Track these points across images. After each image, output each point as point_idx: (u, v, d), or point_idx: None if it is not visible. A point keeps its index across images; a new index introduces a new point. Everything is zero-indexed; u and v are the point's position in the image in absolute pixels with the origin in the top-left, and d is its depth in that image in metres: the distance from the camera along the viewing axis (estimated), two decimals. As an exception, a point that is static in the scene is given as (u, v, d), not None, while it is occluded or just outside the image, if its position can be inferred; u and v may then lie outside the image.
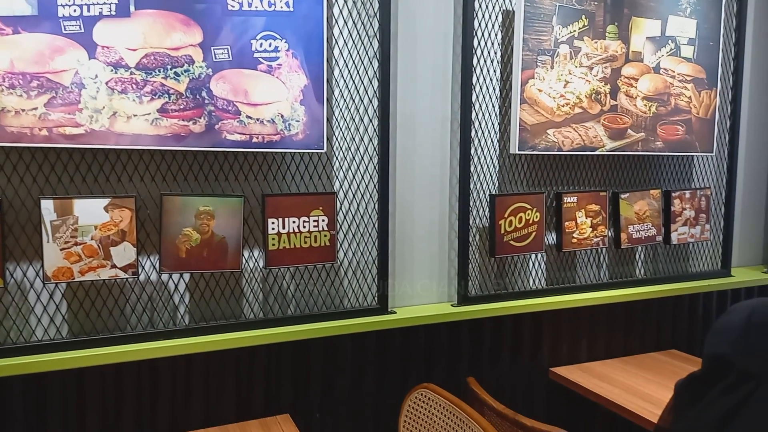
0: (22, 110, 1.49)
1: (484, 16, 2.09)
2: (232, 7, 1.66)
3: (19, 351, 1.57)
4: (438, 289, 2.13)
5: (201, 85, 1.64)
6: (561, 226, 2.24)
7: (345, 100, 1.91)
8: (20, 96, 1.49)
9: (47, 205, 1.53)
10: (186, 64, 1.62)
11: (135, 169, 1.68)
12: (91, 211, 1.57)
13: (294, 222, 1.80)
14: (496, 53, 2.13)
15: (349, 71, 1.91)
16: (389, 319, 1.95)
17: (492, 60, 2.13)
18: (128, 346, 1.64)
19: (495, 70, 2.14)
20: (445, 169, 2.10)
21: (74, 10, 1.52)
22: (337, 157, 1.92)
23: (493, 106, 2.15)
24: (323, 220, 1.84)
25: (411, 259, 2.07)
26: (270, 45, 1.70)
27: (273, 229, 1.77)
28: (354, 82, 1.92)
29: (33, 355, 1.57)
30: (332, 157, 1.92)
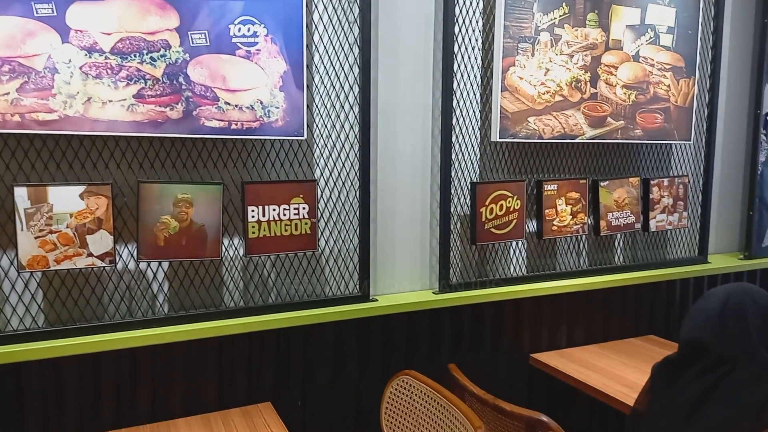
0: (-7, 95, 1.46)
1: (465, 3, 2.09)
2: (210, -9, 1.63)
3: (-6, 341, 1.55)
4: (419, 276, 2.13)
5: (178, 71, 1.61)
6: (541, 213, 2.25)
7: (325, 87, 1.90)
8: (-9, 81, 1.45)
9: (21, 193, 1.50)
10: (162, 49, 1.59)
11: (111, 156, 1.65)
12: (66, 198, 1.54)
13: (274, 210, 1.78)
14: (477, 40, 2.13)
15: (330, 57, 1.89)
16: (371, 307, 1.95)
17: (473, 47, 2.12)
18: (106, 336, 1.62)
19: (476, 58, 2.13)
20: (427, 157, 2.09)
21: (46, -7, 1.48)
22: (317, 145, 1.91)
23: (475, 94, 2.15)
24: (304, 208, 1.83)
25: (392, 247, 2.07)
26: (248, 30, 1.68)
27: (253, 217, 1.76)
28: (334, 68, 1.90)
29: (8, 345, 1.54)
30: (313, 145, 1.90)
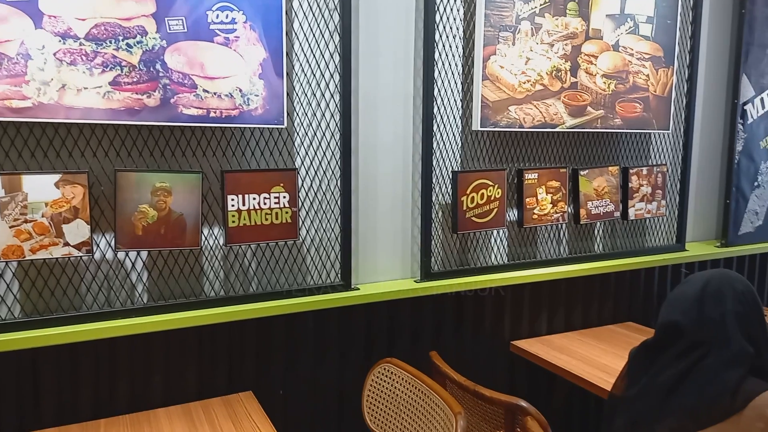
0: (-36, 82, 1.43)
1: (446, -9, 2.08)
2: (187, -24, 1.61)
3: (-31, 332, 1.52)
4: (401, 265, 2.14)
5: (155, 58, 1.59)
6: (522, 202, 2.27)
7: (306, 75, 1.88)
8: (-39, 67, 1.42)
9: (-6, 182, 1.48)
10: (138, 36, 1.57)
11: (87, 144, 1.62)
12: (41, 187, 1.52)
13: (254, 199, 1.77)
14: (458, 29, 2.13)
15: (310, 45, 1.88)
16: (352, 296, 1.96)
17: (454, 36, 2.12)
18: (84, 326, 1.61)
19: (457, 47, 2.13)
20: (408, 146, 2.09)
21: (17, -23, 1.45)
22: (298, 133, 1.90)
23: (456, 83, 2.15)
24: (284, 197, 1.82)
25: (374, 236, 2.07)
26: (227, 16, 1.66)
27: (233, 205, 1.75)
28: (315, 56, 1.89)
29: (-17, 336, 1.52)
30: (293, 133, 1.89)
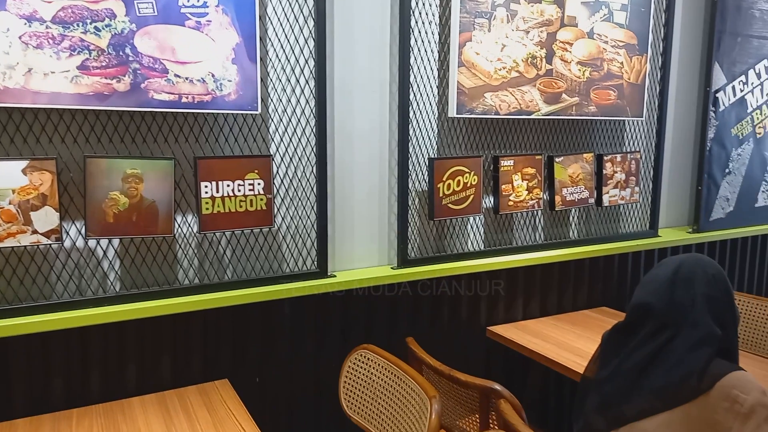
0: (-76, 65, 1.38)
1: (421, -23, 2.07)
2: (156, -42, 1.57)
3: (-66, 322, 1.49)
4: (378, 252, 2.14)
5: (124, 42, 1.56)
6: (498, 189, 2.28)
7: (280, 60, 1.86)
8: None
9: (-42, 168, 1.44)
10: (107, 19, 1.54)
11: (55, 130, 1.59)
12: (8, 174, 1.49)
13: (228, 185, 1.76)
14: (434, 15, 2.12)
15: (284, 30, 1.85)
16: (329, 283, 1.96)
17: (430, 22, 2.12)
18: (54, 315, 1.58)
19: (433, 33, 2.13)
20: (384, 133, 2.09)
21: (-21, -43, 1.40)
22: (272, 119, 1.88)
23: (432, 69, 2.14)
24: (259, 184, 1.81)
25: (351, 223, 2.07)
26: (198, 0, 1.63)
27: (206, 192, 1.73)
28: (289, 41, 1.87)
29: (-50, 326, 1.49)
30: (267, 119, 1.87)
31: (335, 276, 2.00)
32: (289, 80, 1.88)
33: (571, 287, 2.55)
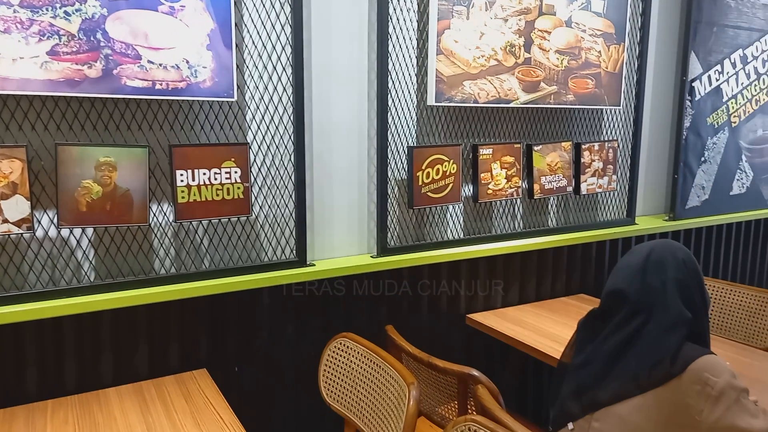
0: None
1: (399, -36, 2.06)
2: (128, -59, 1.54)
3: None
4: (358, 241, 2.14)
5: (95, 27, 1.53)
6: (477, 177, 2.28)
7: (256, 47, 1.84)
8: None
9: (-77, 156, 1.41)
10: (77, 3, 1.50)
11: (25, 117, 1.56)
12: (-24, 162, 1.46)
13: (204, 174, 1.74)
14: (412, 2, 2.11)
15: (260, 16, 1.83)
16: (308, 272, 1.95)
17: (408, 9, 2.10)
18: (27, 305, 1.55)
19: (411, 20, 2.12)
20: (363, 121, 2.08)
21: (-58, -63, 1.36)
22: (249, 107, 1.86)
23: (410, 57, 2.14)
24: (236, 172, 1.79)
25: (330, 212, 2.06)
26: (171, -15, 1.60)
27: (182, 181, 1.71)
28: (265, 27, 1.84)
29: None
30: (244, 107, 1.85)
31: (314, 265, 1.99)
32: (266, 67, 1.86)
33: (550, 275, 2.57)
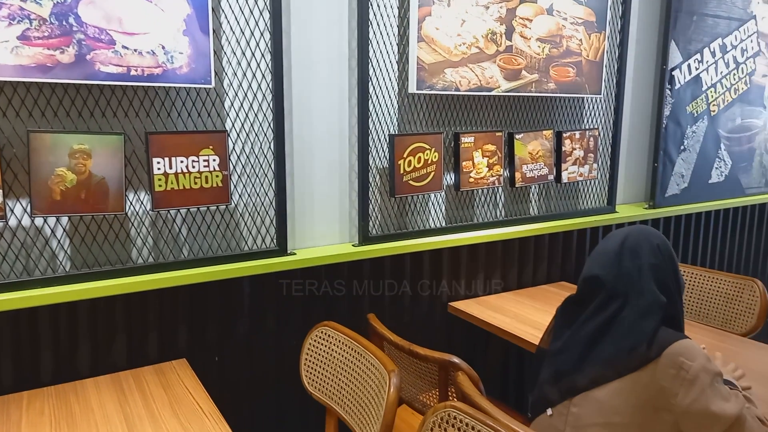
0: None
1: (380, -51, 2.04)
2: None
3: None
4: (339, 229, 2.13)
5: (67, 11, 1.49)
6: (459, 165, 2.28)
7: (234, 33, 1.81)
8: None
9: None
10: (48, -14, 1.46)
11: (-5, 104, 1.52)
12: (-55, 149, 1.42)
13: (182, 162, 1.71)
14: (393, -11, 2.09)
15: (238, 1, 1.80)
16: (289, 261, 1.94)
17: (389, -4, 2.09)
18: (1, 296, 1.52)
19: (392, 6, 2.10)
20: (344, 108, 2.06)
21: None
22: (227, 94, 1.84)
23: (391, 44, 2.12)
24: (214, 160, 1.77)
25: (311, 201, 2.05)
26: (146, -32, 1.57)
27: (159, 169, 1.68)
28: (243, 13, 1.82)
29: None
30: (222, 94, 1.83)
31: (295, 254, 1.98)
32: (244, 53, 1.84)
33: (531, 263, 2.59)
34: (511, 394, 2.60)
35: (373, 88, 2.09)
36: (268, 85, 1.88)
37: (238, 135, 1.87)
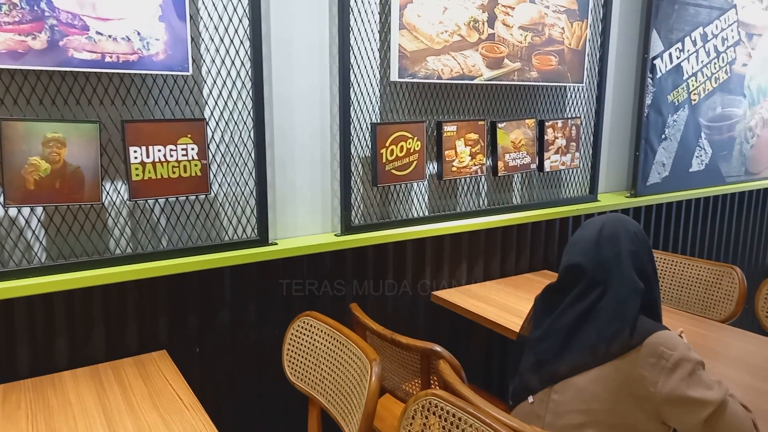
0: None
1: (361, -65, 2.01)
2: None
3: None
4: (322, 219, 2.11)
5: (38, -5, 1.45)
6: (441, 154, 2.27)
7: (212, 19, 1.78)
8: None
9: None
10: (18, -31, 1.42)
11: (-35, 91, 1.48)
12: None
13: (160, 150, 1.68)
14: (374, -25, 2.07)
15: (216, -13, 1.77)
16: (270, 251, 1.92)
17: (370, -18, 2.06)
18: (-27, 288, 1.50)
19: (374, -6, 2.08)
20: (325, 97, 2.04)
21: None
22: (206, 82, 1.81)
23: (373, 32, 2.10)
24: (193, 149, 1.74)
25: (292, 190, 2.03)
26: (119, -48, 1.53)
27: (136, 158, 1.65)
28: (222, -1, 1.79)
29: None
30: (201, 81, 1.80)
31: (277, 244, 1.96)
32: (223, 40, 1.81)
33: (514, 251, 2.60)
34: (494, 382, 2.62)
35: (355, 76, 2.07)
36: (248, 73, 1.86)
37: (217, 123, 1.84)
